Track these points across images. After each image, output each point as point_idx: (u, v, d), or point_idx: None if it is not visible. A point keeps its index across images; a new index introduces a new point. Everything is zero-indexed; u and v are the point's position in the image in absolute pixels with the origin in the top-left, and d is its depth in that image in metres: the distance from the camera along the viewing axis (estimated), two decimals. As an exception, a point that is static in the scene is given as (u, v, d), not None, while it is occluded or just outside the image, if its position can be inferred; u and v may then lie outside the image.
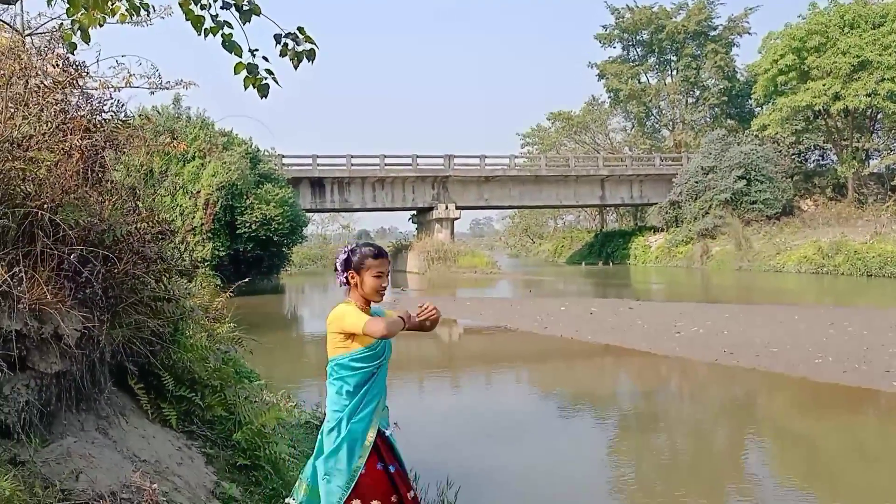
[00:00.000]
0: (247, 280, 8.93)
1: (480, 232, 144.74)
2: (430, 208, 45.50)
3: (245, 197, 29.97)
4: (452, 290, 30.74)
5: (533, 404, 9.77)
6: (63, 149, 3.46)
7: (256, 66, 4.24)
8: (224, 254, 28.88)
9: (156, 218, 4.04)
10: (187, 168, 28.67)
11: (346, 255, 3.28)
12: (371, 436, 3.16)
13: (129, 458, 3.83)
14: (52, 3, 4.44)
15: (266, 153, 35.82)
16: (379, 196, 44.99)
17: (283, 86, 4.27)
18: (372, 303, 3.32)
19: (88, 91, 4.41)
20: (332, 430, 3.19)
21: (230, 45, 4.20)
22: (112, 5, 4.24)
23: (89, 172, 3.81)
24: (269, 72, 4.24)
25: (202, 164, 29.32)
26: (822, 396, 9.18)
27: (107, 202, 3.89)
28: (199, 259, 26.77)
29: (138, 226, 3.89)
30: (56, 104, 3.96)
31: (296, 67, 4.38)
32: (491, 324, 17.19)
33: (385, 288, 3.26)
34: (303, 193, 41.10)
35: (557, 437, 7.77)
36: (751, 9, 54.84)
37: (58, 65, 4.06)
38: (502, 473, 6.44)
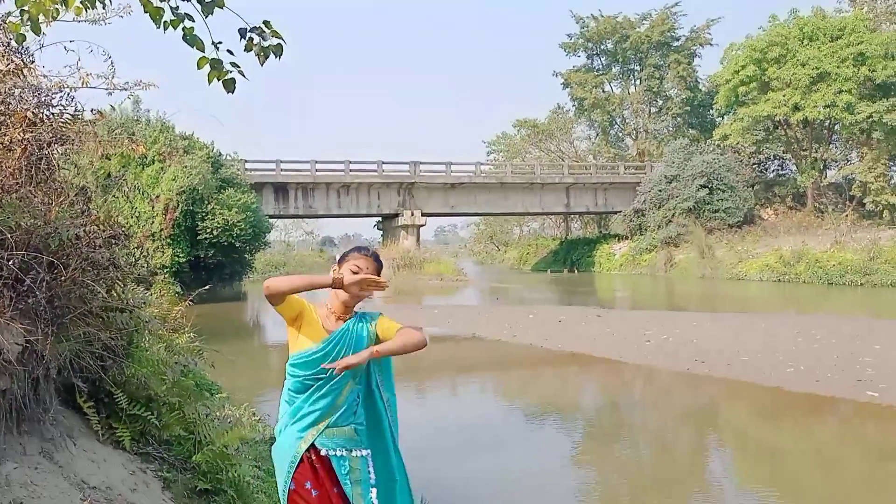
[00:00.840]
0: (207, 287, 8.56)
1: (445, 239, 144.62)
2: (396, 215, 45.13)
3: (206, 202, 29.29)
4: (418, 297, 30.43)
5: (503, 414, 9.53)
6: (1, 143, 3.12)
7: (220, 60, 3.96)
8: (184, 260, 28.17)
9: (108, 220, 3.70)
10: (146, 171, 27.93)
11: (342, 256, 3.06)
12: (298, 449, 2.86)
13: (77, 484, 3.48)
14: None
15: (228, 157, 35.17)
16: (344, 202, 44.49)
17: (248, 85, 4.00)
18: (356, 308, 3.04)
19: (35, 84, 4.06)
20: (278, 432, 3.00)
21: (191, 39, 3.91)
22: None
23: (33, 170, 3.47)
24: (235, 65, 3.96)
25: (162, 168, 28.60)
26: (797, 406, 9.10)
27: (53, 203, 3.55)
28: (159, 265, 26.05)
29: (87, 229, 3.55)
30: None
31: (262, 63, 4.09)
32: (459, 332, 16.94)
33: (365, 282, 2.93)
34: (266, 199, 40.44)
35: (529, 447, 7.55)
36: (713, 20, 55.67)
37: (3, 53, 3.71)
38: (471, 485, 6.18)
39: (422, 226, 46.33)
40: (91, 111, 4.26)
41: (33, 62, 3.71)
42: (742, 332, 14.57)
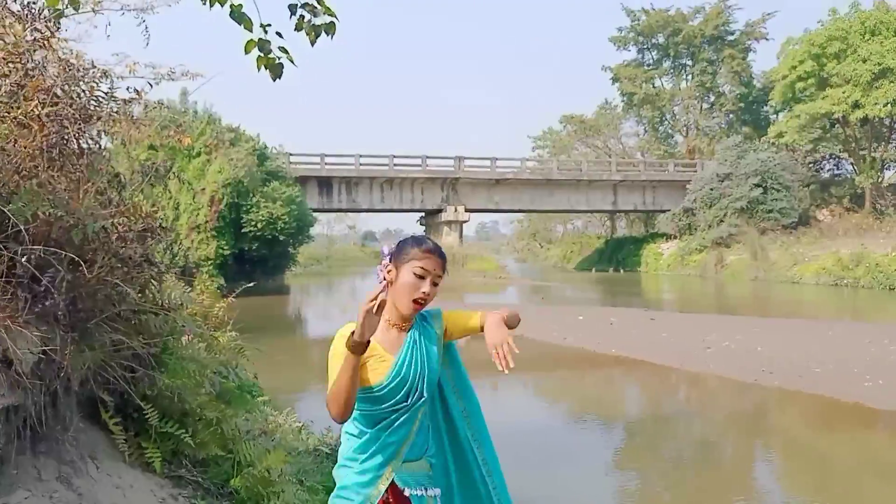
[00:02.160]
0: (253, 284, 8.15)
1: (487, 236, 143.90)
2: (439, 210, 44.64)
3: (251, 195, 29.22)
4: (460, 294, 29.90)
5: (556, 422, 8.95)
6: (15, 118, 2.66)
7: (269, 42, 3.51)
8: (228, 252, 28.13)
9: (141, 211, 3.23)
10: (192, 164, 27.92)
11: (393, 249, 2.41)
12: (381, 488, 2.32)
13: (99, 515, 3.03)
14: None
15: (273, 150, 35.09)
16: (387, 197, 44.16)
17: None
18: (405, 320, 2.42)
19: (64, 58, 3.62)
20: (340, 467, 2.40)
21: (239, 17, 3.45)
22: None
23: (56, 153, 3.01)
24: (284, 49, 3.51)
25: (208, 160, 28.58)
26: (882, 425, 8.34)
27: (78, 191, 3.09)
28: (203, 258, 25.99)
29: (116, 221, 3.08)
30: (20, 68, 3.16)
31: (312, 43, 3.62)
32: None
33: (425, 296, 2.32)
34: (310, 193, 40.25)
35: (603, 460, 6.97)
36: (769, 14, 53.98)
37: (25, 19, 3.26)
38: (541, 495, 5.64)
39: (465, 222, 45.81)
40: (127, 89, 3.81)
41: (58, 29, 3.25)
42: (809, 341, 13.71)
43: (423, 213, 48.57)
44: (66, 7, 3.84)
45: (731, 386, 10.46)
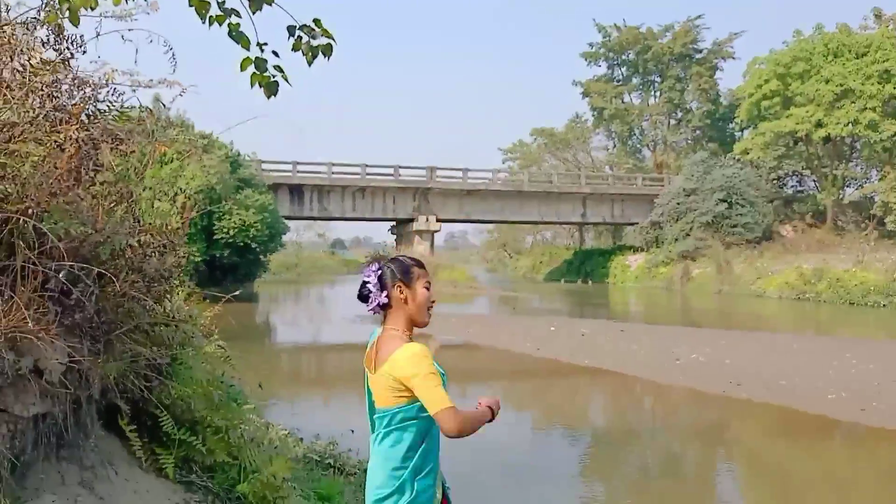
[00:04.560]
0: (238, 292, 8.25)
1: (456, 245, 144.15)
2: (411, 220, 44.83)
3: (224, 202, 29.10)
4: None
5: (529, 434, 9.18)
6: (55, 141, 2.80)
7: (265, 60, 3.68)
8: (200, 259, 27.96)
9: (163, 228, 3.38)
10: (164, 170, 27.74)
11: (379, 273, 2.57)
12: (439, 495, 2.55)
13: (119, 518, 3.16)
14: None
15: (246, 157, 34.99)
16: (359, 205, 44.23)
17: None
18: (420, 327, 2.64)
19: (82, 75, 3.76)
20: (391, 494, 2.49)
21: (237, 36, 3.61)
22: None
23: (83, 172, 3.15)
24: (279, 68, 3.68)
25: (181, 167, 28.41)
26: (847, 438, 8.72)
27: (102, 208, 3.24)
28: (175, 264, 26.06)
29: (141, 238, 3.23)
30: (44, 88, 3.30)
31: (310, 63, 3.80)
32: (480, 342, 16.58)
33: (434, 304, 2.64)
34: (281, 200, 40.16)
35: (572, 469, 7.20)
36: (735, 34, 55.24)
37: (48, 41, 3.41)
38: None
39: (436, 231, 46.02)
40: (139, 108, 3.96)
41: (84, 52, 3.39)
42: (775, 354, 14.16)
43: (394, 222, 48.70)
44: (64, 19, 3.99)
45: (701, 398, 10.80)
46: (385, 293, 2.55)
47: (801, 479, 7.42)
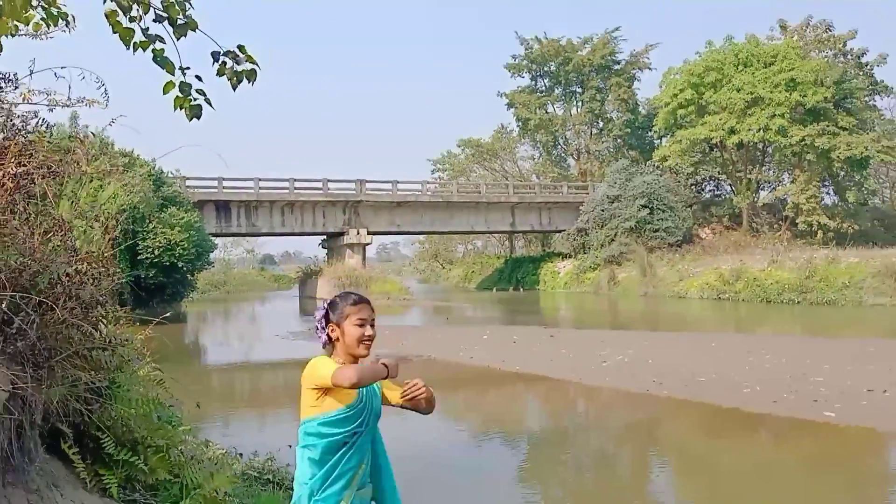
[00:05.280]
0: (168, 314, 8.26)
1: (388, 257, 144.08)
2: (341, 233, 44.73)
3: (148, 221, 28.52)
4: (366, 317, 30.08)
5: (466, 441, 9.44)
6: (-5, 178, 2.92)
7: (189, 85, 3.84)
8: (124, 280, 27.29)
9: (99, 257, 3.51)
10: (84, 190, 27.03)
11: (324, 311, 2.84)
12: None
13: (64, 539, 3.26)
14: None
15: (170, 175, 34.31)
16: (288, 220, 43.89)
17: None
18: (360, 360, 2.88)
19: (6, 107, 3.84)
20: (300, 497, 2.74)
21: (162, 61, 3.78)
22: (26, 13, 3.75)
23: (19, 204, 3.26)
24: (201, 92, 3.85)
25: (101, 186, 27.71)
26: (759, 428, 9.29)
27: (38, 238, 3.34)
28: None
29: (77, 266, 3.35)
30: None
31: (234, 88, 3.99)
32: (413, 353, 16.79)
33: (371, 338, 2.80)
34: (207, 216, 39.50)
35: (508, 474, 7.48)
36: (651, 45, 57.35)
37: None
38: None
39: (367, 244, 46.04)
40: (70, 138, 4.07)
41: (16, 88, 3.49)
42: (695, 352, 14.85)
43: (325, 236, 48.51)
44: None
45: (625, 397, 11.29)
46: (325, 331, 2.81)
47: (719, 469, 7.89)
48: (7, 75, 3.41)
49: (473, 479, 7.36)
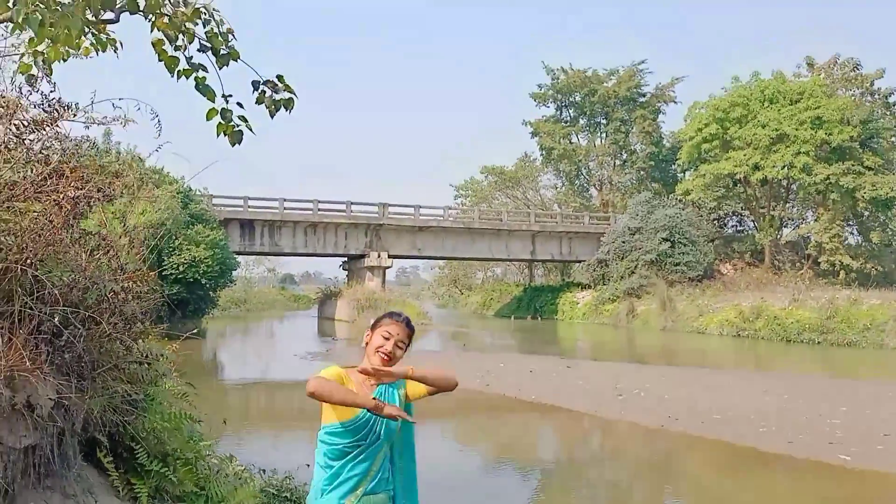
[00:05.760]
0: (195, 331, 8.48)
1: (407, 281, 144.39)
2: (362, 256, 45.05)
3: (174, 237, 28.98)
4: (384, 340, 30.22)
5: (479, 468, 9.52)
6: (54, 199, 3.14)
7: (230, 111, 4.07)
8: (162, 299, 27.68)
9: (144, 275, 3.72)
10: (114, 206, 27.57)
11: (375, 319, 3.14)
12: None
13: (98, 543, 3.44)
14: (15, 32, 4.14)
15: (198, 193, 34.90)
16: (310, 241, 44.31)
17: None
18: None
19: (65, 133, 4.08)
20: (311, 499, 2.95)
21: (204, 89, 4.01)
22: (77, 40, 3.99)
23: (72, 224, 3.48)
24: (243, 118, 4.07)
25: (130, 202, 28.26)
26: (773, 467, 9.27)
27: (89, 256, 3.56)
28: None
29: (124, 284, 3.56)
30: (35, 147, 3.63)
31: (272, 116, 4.22)
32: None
33: (386, 352, 2.98)
34: (231, 234, 40.04)
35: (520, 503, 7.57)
36: (677, 79, 57.52)
37: (44, 102, 3.73)
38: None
39: (388, 267, 46.30)
40: (125, 160, 4.30)
41: (74, 115, 3.73)
42: (711, 389, 14.82)
43: (345, 258, 48.86)
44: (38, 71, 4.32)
45: (641, 431, 11.31)
46: (367, 336, 3.06)
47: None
48: (69, 105, 3.65)
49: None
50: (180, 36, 3.95)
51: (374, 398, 2.80)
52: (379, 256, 44.79)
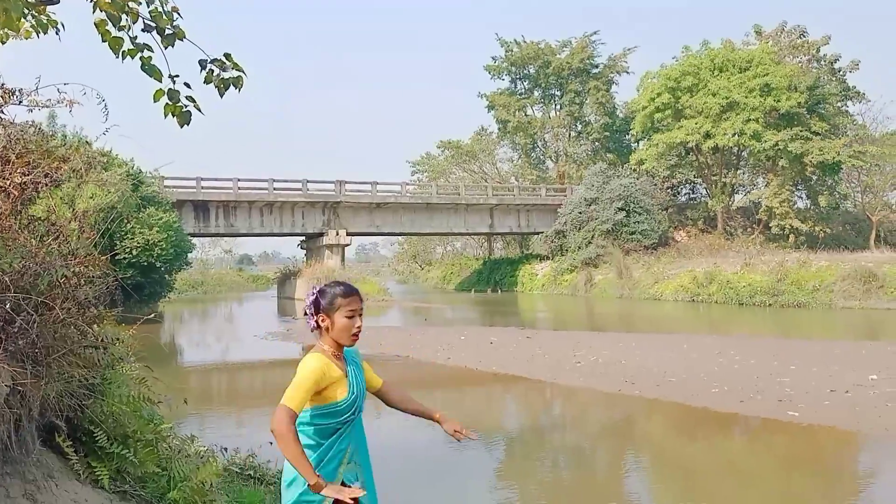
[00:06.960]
0: (153, 315, 8.42)
1: (367, 258, 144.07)
2: (321, 234, 44.79)
3: (126, 221, 28.44)
4: (345, 318, 30.20)
5: (442, 439, 9.66)
6: (1, 187, 3.11)
7: (178, 92, 4.03)
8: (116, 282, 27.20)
9: (95, 260, 3.70)
10: (62, 189, 26.92)
11: (314, 297, 3.09)
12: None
13: (60, 526, 3.46)
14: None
15: (149, 174, 34.23)
16: (267, 221, 43.88)
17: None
18: (344, 346, 3.15)
19: (8, 119, 4.02)
20: (290, 483, 2.98)
21: (150, 69, 3.96)
22: (18, 22, 3.92)
23: (20, 210, 3.45)
24: (191, 99, 4.04)
25: (79, 186, 27.60)
26: (727, 426, 9.61)
27: (38, 242, 3.54)
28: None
29: (75, 269, 3.54)
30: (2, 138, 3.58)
31: (221, 95, 4.19)
32: (393, 354, 17.00)
33: (359, 329, 3.07)
34: (186, 217, 39.46)
35: (484, 473, 7.73)
36: (629, 49, 58.00)
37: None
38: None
39: (347, 245, 46.14)
40: (64, 146, 4.25)
41: (20, 102, 3.68)
42: (666, 353, 15.20)
43: (303, 237, 48.54)
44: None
45: (599, 397, 11.59)
46: (315, 318, 3.04)
47: (687, 466, 8.20)
48: (14, 90, 3.59)
49: (450, 478, 7.60)
50: (123, 16, 3.90)
51: (317, 475, 2.76)
52: (337, 234, 44.59)
